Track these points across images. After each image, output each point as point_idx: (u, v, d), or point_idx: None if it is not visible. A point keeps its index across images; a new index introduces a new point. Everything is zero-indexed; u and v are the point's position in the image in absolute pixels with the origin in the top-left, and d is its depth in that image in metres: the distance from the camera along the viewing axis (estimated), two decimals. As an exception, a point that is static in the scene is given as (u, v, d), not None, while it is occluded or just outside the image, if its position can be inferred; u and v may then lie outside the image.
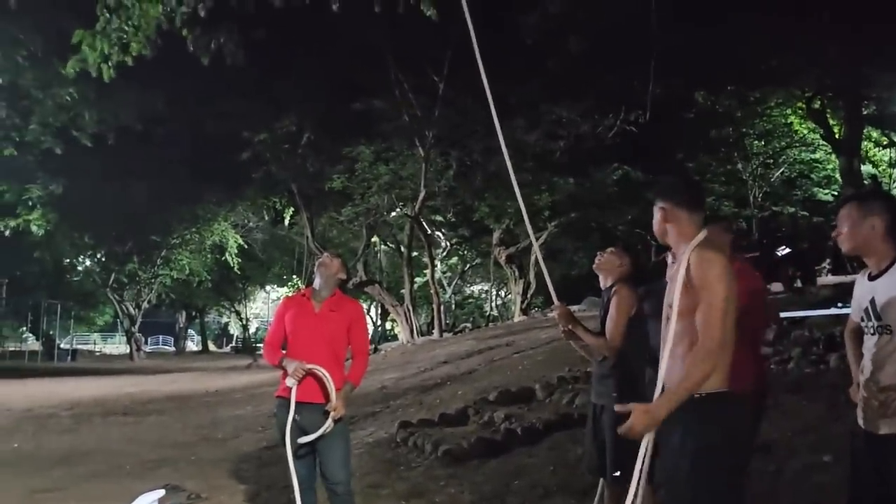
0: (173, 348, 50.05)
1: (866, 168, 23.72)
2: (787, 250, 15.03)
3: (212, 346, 51.86)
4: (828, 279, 16.11)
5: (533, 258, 22.31)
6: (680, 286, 2.52)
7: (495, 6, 14.80)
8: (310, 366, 3.96)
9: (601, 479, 4.01)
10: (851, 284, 2.95)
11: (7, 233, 23.19)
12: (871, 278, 2.73)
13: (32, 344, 38.16)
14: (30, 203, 23.74)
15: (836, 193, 24.30)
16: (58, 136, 12.19)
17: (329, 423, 3.92)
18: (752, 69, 19.14)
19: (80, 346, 42.77)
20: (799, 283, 14.08)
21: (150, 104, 17.73)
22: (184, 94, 18.47)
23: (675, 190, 2.77)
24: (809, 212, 25.90)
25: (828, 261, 17.49)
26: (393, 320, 31.49)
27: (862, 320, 2.74)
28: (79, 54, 7.18)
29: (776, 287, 13.41)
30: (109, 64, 7.12)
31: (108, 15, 7.04)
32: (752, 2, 15.59)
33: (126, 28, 7.07)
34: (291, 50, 18.50)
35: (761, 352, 4.69)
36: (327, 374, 3.96)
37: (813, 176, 26.38)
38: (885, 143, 25.35)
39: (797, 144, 25.61)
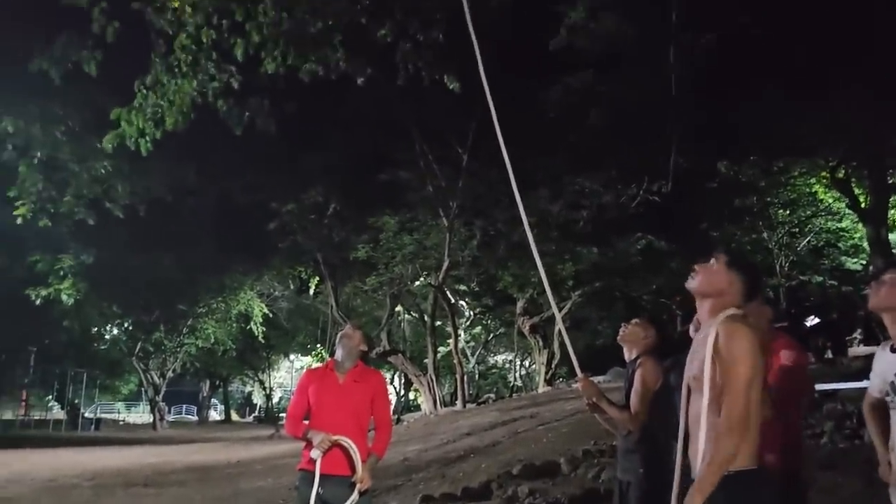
0: (196, 417, 49.90)
1: (894, 236, 23.47)
2: (817, 320, 14.84)
3: (235, 416, 51.61)
4: (859, 350, 15.77)
5: (557, 329, 22.14)
6: (709, 359, 2.50)
7: (518, 82, 15.15)
8: (336, 437, 3.94)
9: (628, 557, 3.89)
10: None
11: (38, 302, 23.55)
12: (895, 350, 2.68)
13: (57, 413, 38.22)
14: (61, 273, 24.19)
15: (864, 262, 24.00)
16: (90, 208, 12.49)
17: (355, 496, 3.88)
18: (775, 139, 19.19)
19: (104, 415, 42.80)
20: (829, 355, 13.83)
21: (182, 176, 18.19)
22: (213, 166, 18.94)
23: (750, 272, 2.72)
24: (838, 281, 25.52)
25: (859, 331, 17.15)
26: (416, 390, 31.24)
27: (887, 395, 2.67)
28: (117, 129, 7.42)
29: (806, 358, 13.16)
30: (147, 139, 7.36)
31: (144, 91, 7.31)
32: (774, 73, 15.77)
33: (161, 103, 7.32)
34: (319, 123, 18.97)
35: (801, 424, 4.58)
36: (353, 446, 3.95)
37: (840, 245, 26.06)
38: (912, 211, 25.13)
39: (823, 213, 25.41)
